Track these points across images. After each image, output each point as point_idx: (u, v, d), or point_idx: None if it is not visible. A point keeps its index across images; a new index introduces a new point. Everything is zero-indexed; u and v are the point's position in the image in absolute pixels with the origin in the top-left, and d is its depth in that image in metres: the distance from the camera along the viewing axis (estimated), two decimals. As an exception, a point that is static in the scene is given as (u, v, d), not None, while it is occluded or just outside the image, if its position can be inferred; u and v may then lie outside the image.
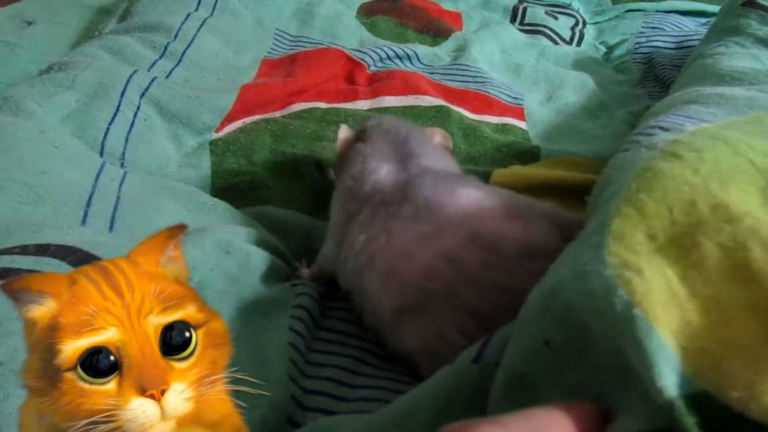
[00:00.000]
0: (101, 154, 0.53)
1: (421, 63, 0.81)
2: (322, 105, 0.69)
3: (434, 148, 0.50)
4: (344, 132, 0.51)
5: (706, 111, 0.44)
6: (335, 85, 0.72)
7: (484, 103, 0.74)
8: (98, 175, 0.48)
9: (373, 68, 0.77)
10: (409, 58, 0.80)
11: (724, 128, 0.39)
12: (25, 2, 0.88)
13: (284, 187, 0.57)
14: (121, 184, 0.49)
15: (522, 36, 0.93)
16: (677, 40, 0.95)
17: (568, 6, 1.05)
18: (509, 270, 0.36)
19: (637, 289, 0.25)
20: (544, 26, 0.96)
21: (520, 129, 0.71)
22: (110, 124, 0.55)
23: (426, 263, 0.38)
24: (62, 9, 0.86)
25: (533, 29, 0.95)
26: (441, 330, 0.37)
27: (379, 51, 0.78)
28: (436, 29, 0.89)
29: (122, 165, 0.54)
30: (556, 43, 0.94)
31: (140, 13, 0.74)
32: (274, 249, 0.49)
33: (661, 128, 0.41)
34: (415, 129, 0.52)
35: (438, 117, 0.69)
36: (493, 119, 0.72)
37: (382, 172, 0.45)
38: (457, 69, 0.79)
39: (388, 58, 0.79)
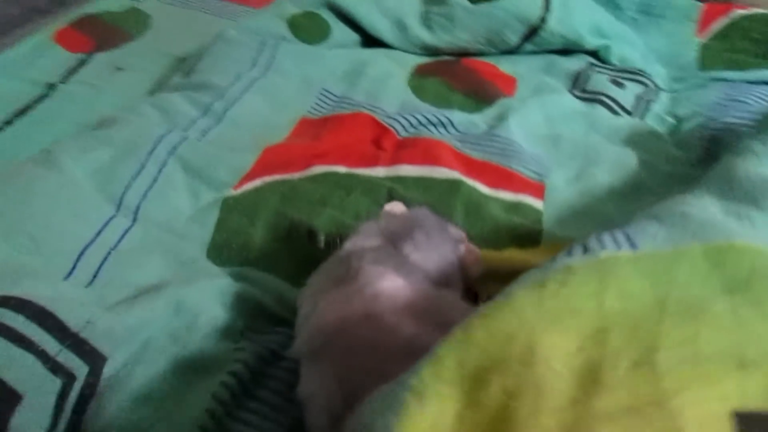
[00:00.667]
0: (118, 207, 0.61)
1: (456, 130, 0.82)
2: (341, 169, 0.72)
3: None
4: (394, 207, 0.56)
5: (651, 231, 0.43)
6: (360, 148, 0.75)
7: (503, 177, 0.73)
8: (101, 229, 0.56)
9: (403, 134, 0.80)
10: (443, 125, 0.82)
11: (631, 260, 0.37)
12: (124, 48, 1.00)
13: (273, 250, 0.61)
14: (121, 238, 0.56)
15: (576, 104, 0.90)
16: (759, 117, 0.88)
17: (640, 72, 1.00)
18: (387, 359, 0.38)
19: (407, 418, 0.26)
20: (605, 94, 0.93)
21: (534, 209, 0.70)
22: (134, 179, 0.63)
23: (332, 319, 0.42)
24: (151, 57, 0.97)
25: (592, 97, 0.92)
26: (324, 379, 0.40)
27: (411, 117, 0.81)
28: (482, 94, 0.90)
29: (135, 218, 0.61)
30: (615, 113, 0.90)
31: (200, 71, 0.83)
32: (242, 307, 0.53)
33: (585, 247, 0.40)
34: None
35: (448, 191, 0.69)
36: (508, 195, 0.71)
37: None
38: (487, 139, 0.79)
39: (421, 124, 0.81)
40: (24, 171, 0.58)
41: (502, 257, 0.60)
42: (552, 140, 0.82)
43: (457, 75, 0.93)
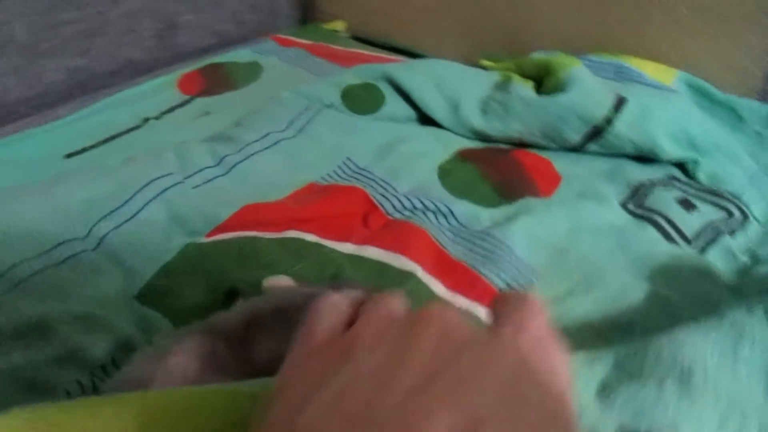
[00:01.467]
0: (87, 234, 0.69)
1: (457, 222, 0.78)
2: (311, 238, 0.73)
3: None
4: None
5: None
6: (342, 221, 0.76)
7: (466, 281, 0.68)
8: (54, 247, 0.64)
9: (395, 215, 0.78)
10: (442, 214, 0.78)
11: None
12: (223, 95, 1.13)
13: (190, 303, 0.64)
14: (60, 263, 0.64)
15: (619, 219, 0.80)
16: None
17: (730, 197, 0.85)
18: None
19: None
20: (662, 215, 0.80)
21: (483, 321, 0.64)
22: (113, 212, 0.71)
23: None
24: (235, 105, 1.08)
25: (646, 215, 0.81)
26: None
27: (409, 200, 0.79)
28: (510, 189, 0.84)
29: (98, 246, 0.68)
30: (668, 238, 0.78)
31: (239, 125, 0.91)
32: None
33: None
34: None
35: (399, 283, 0.66)
36: (462, 301, 0.66)
37: None
38: (479, 237, 0.74)
39: (415, 208, 0.78)
40: (25, 187, 0.70)
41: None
42: (559, 252, 0.74)
43: (497, 165, 0.88)
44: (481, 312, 0.65)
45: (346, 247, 0.72)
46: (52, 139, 0.95)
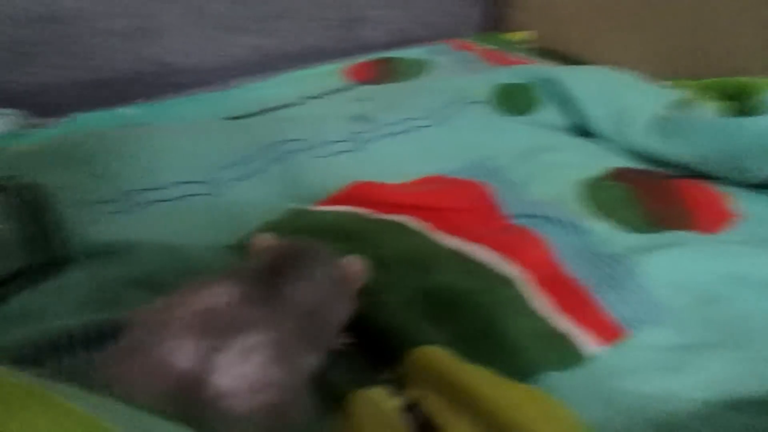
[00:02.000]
0: (207, 179, 0.71)
1: (585, 240, 0.68)
2: (415, 226, 0.68)
3: None
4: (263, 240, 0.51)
5: None
6: (456, 216, 0.70)
7: (576, 304, 0.58)
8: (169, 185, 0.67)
9: (515, 220, 0.70)
10: (571, 229, 0.68)
11: None
12: (381, 85, 1.13)
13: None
14: (177, 198, 0.66)
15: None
16: None
17: None
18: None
19: None
20: None
21: (575, 352, 0.54)
22: (236, 164, 0.73)
23: None
24: (390, 95, 1.06)
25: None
26: None
27: (533, 207, 0.70)
28: (663, 218, 0.71)
29: (212, 192, 0.70)
30: None
31: (381, 107, 0.89)
32: None
33: None
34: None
35: (492, 290, 0.59)
36: (566, 324, 0.56)
37: None
38: (608, 262, 0.63)
39: (540, 217, 0.69)
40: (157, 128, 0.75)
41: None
42: (707, 298, 0.60)
43: (654, 190, 0.75)
44: (581, 340, 0.54)
45: (452, 241, 0.66)
46: (216, 105, 1.01)
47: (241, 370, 0.35)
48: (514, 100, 0.89)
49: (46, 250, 0.59)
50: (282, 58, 1.29)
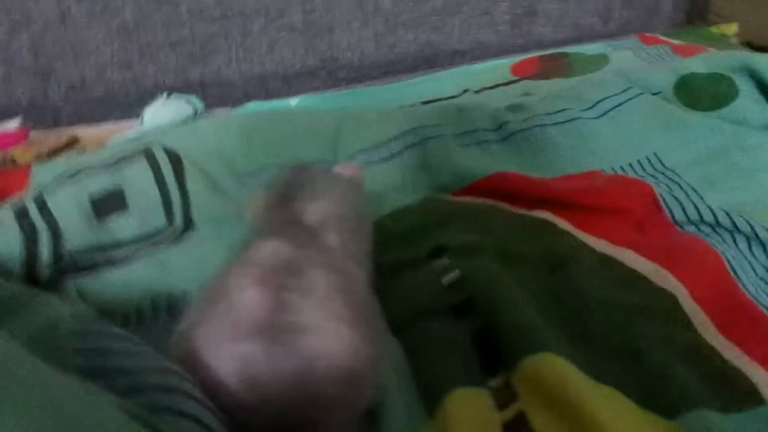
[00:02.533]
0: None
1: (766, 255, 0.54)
2: (562, 224, 0.60)
3: None
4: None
5: None
6: (609, 217, 0.60)
7: (756, 334, 0.46)
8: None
9: (686, 227, 0.58)
10: (760, 243, 0.55)
11: None
12: (554, 81, 1.04)
13: (402, 248, 0.58)
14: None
15: None
16: None
17: None
18: None
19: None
20: None
21: (755, 395, 0.42)
22: (375, 147, 0.70)
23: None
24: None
25: None
26: None
27: (711, 213, 0.58)
28: None
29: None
30: None
31: (538, 96, 0.80)
32: None
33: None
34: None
35: (649, 304, 0.49)
36: (736, 355, 0.45)
37: None
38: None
39: (720, 225, 0.57)
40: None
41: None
42: None
43: None
44: (758, 376, 0.43)
45: (600, 244, 0.57)
46: (377, 99, 1.01)
47: (323, 310, 0.34)
48: (703, 93, 0.76)
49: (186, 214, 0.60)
50: (449, 55, 1.25)
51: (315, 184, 0.47)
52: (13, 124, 0.93)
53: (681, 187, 0.63)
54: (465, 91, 1.00)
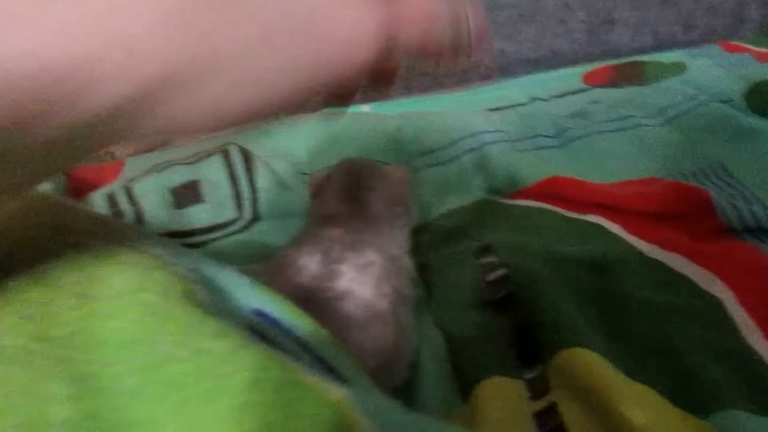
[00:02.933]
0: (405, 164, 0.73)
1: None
2: (613, 228, 0.60)
3: None
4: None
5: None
6: (661, 222, 0.60)
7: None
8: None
9: (744, 235, 0.57)
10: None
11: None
12: (625, 89, 1.02)
13: (449, 244, 0.61)
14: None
15: None
16: None
17: None
18: None
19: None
20: None
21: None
22: (434, 150, 0.73)
23: None
24: (630, 99, 0.96)
25: None
26: None
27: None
28: None
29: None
30: None
31: (600, 103, 0.80)
32: None
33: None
34: None
35: (696, 311, 0.49)
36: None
37: None
38: None
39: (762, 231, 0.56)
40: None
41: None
42: None
43: None
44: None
45: (651, 249, 0.57)
46: (442, 107, 1.03)
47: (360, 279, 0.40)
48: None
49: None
50: (522, 64, 1.26)
51: (373, 176, 0.51)
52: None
53: (744, 197, 0.62)
54: (533, 99, 1.01)
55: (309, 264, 0.41)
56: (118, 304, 0.22)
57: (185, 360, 0.21)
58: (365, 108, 1.08)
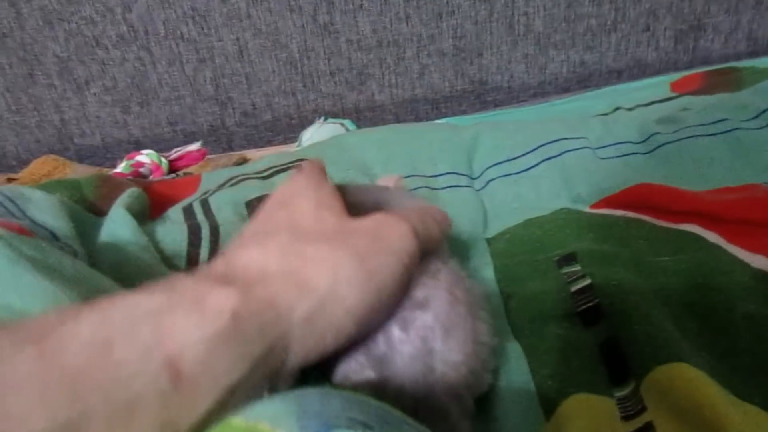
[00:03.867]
0: (480, 175, 0.70)
1: None
2: (711, 237, 0.55)
3: None
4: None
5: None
6: (764, 232, 0.55)
7: None
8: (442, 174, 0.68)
9: None
10: None
11: None
12: (715, 96, 0.96)
13: (523, 256, 0.58)
14: (442, 188, 0.67)
15: None
16: None
17: None
18: None
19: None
20: None
21: None
22: (508, 160, 0.70)
23: None
24: (718, 105, 0.90)
25: None
26: None
27: None
28: None
29: (482, 188, 0.69)
30: None
31: (690, 109, 0.74)
32: None
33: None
34: None
35: None
36: None
37: None
38: None
39: None
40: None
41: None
42: None
43: None
44: None
45: (756, 259, 0.52)
46: (519, 117, 1.00)
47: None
48: None
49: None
50: (604, 75, 1.22)
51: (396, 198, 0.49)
52: (194, 147, 1.06)
53: None
54: (616, 108, 0.96)
55: None
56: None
57: None
58: (440, 122, 1.07)
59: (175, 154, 1.04)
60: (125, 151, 1.15)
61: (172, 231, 0.60)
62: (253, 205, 0.65)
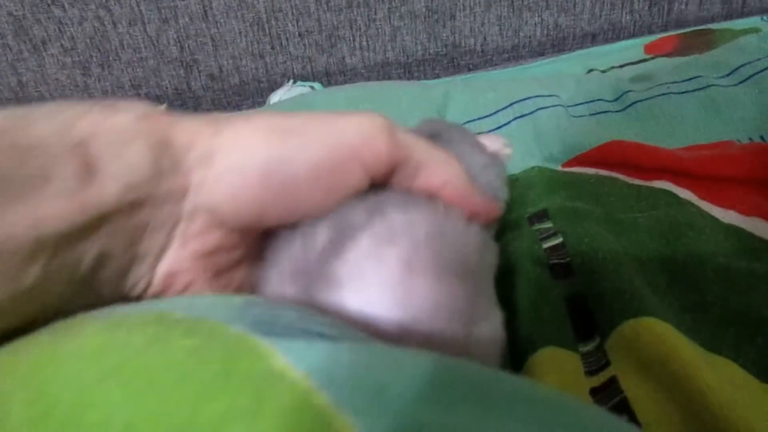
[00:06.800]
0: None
1: None
2: (683, 194, 0.55)
3: None
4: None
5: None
6: (733, 186, 0.54)
7: None
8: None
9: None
10: None
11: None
12: (689, 58, 0.95)
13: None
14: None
15: None
16: None
17: None
18: None
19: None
20: None
21: None
22: (483, 117, 0.68)
23: None
24: (693, 64, 0.89)
25: None
26: None
27: None
28: None
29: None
30: None
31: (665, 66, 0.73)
32: None
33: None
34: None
35: None
36: None
37: None
38: None
39: None
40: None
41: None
42: None
43: None
44: None
45: (728, 215, 0.51)
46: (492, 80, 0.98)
47: None
48: None
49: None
50: (578, 38, 1.20)
51: (453, 131, 0.47)
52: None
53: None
54: (590, 70, 0.95)
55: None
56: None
57: None
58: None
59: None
60: (86, 115, 1.10)
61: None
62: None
